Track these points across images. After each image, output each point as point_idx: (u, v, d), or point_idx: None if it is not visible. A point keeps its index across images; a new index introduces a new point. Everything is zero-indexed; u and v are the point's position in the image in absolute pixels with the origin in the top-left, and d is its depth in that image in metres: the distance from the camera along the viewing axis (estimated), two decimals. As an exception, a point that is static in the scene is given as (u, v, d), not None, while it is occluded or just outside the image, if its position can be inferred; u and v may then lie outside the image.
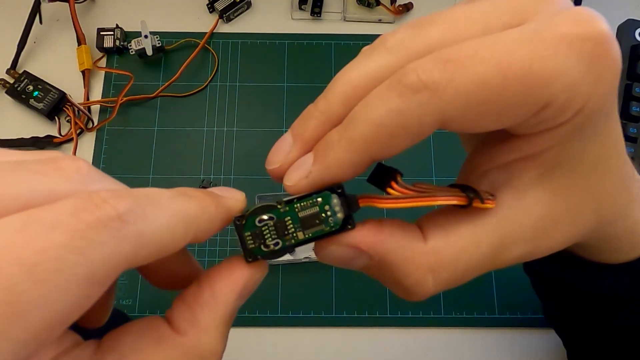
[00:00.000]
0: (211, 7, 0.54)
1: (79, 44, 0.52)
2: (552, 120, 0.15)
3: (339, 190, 0.17)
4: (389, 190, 0.16)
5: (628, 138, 0.48)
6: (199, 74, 0.53)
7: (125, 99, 0.50)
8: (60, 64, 0.52)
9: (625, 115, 0.48)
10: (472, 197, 0.16)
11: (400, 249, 0.17)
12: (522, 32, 0.14)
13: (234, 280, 0.17)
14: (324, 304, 0.45)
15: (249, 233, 0.17)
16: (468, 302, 0.46)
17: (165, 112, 0.51)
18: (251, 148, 0.50)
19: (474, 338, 0.45)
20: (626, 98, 0.49)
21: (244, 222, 0.17)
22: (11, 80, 0.50)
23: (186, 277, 0.18)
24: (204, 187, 0.47)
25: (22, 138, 0.49)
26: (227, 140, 0.51)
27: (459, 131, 0.16)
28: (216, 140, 0.51)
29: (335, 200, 0.17)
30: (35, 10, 0.52)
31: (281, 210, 0.17)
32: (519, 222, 0.17)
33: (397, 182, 0.16)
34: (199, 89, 0.52)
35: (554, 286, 0.29)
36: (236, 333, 0.18)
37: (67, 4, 0.51)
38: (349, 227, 0.17)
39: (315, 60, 0.53)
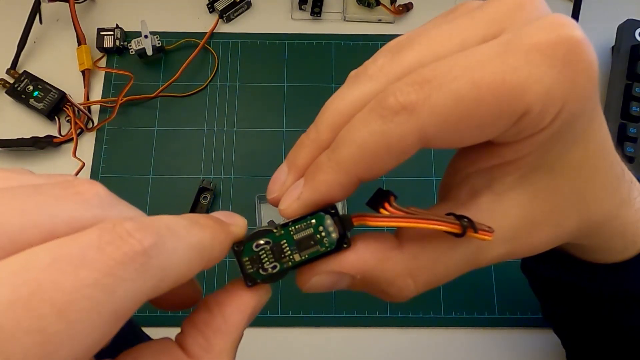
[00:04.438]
0: (211, 7, 0.54)
1: (79, 44, 0.52)
2: (531, 128, 0.15)
3: (332, 211, 0.17)
4: (382, 210, 0.17)
5: (628, 138, 0.48)
6: (199, 74, 0.53)
7: (125, 99, 0.50)
8: (60, 64, 0.52)
9: (625, 115, 0.48)
10: (465, 226, 0.16)
11: (379, 263, 0.18)
12: (493, 46, 0.15)
13: (242, 305, 0.17)
14: (324, 304, 0.45)
15: (247, 258, 0.18)
16: (468, 302, 0.46)
17: (165, 112, 0.51)
18: (251, 148, 0.50)
19: (474, 338, 0.45)
20: (626, 98, 0.49)
21: (242, 248, 0.18)
22: (11, 80, 0.50)
23: (188, 298, 0.19)
24: (204, 188, 0.47)
25: (22, 138, 0.49)
26: (227, 140, 0.51)
27: (442, 147, 0.16)
28: (216, 140, 0.51)
29: (328, 221, 0.17)
30: (35, 10, 0.52)
31: (277, 234, 0.17)
32: (497, 224, 0.17)
33: (390, 204, 0.17)
34: (199, 89, 0.52)
35: (550, 285, 0.29)
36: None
37: (67, 4, 0.51)
38: (345, 246, 0.17)
39: (315, 60, 0.53)
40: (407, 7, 0.55)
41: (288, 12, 0.55)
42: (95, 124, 0.50)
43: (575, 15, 0.53)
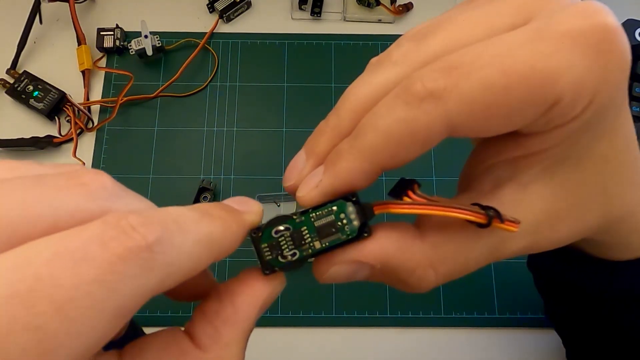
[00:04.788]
0: (211, 7, 0.54)
1: (79, 44, 0.52)
2: (561, 117, 0.15)
3: (354, 199, 0.17)
4: (405, 198, 0.16)
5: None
6: (199, 74, 0.53)
7: (125, 99, 0.50)
8: (60, 64, 0.52)
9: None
10: (491, 216, 0.16)
11: (400, 252, 0.17)
12: (524, 32, 0.14)
13: (255, 295, 0.17)
14: (324, 304, 0.45)
15: (266, 244, 0.17)
16: (468, 302, 0.46)
17: (165, 112, 0.51)
18: (251, 148, 0.50)
19: (474, 338, 0.45)
20: (626, 98, 0.49)
21: (260, 234, 0.17)
22: (11, 80, 0.50)
23: (202, 289, 0.18)
24: (204, 188, 0.47)
25: (22, 138, 0.49)
26: (227, 140, 0.51)
27: (469, 136, 0.16)
28: (216, 140, 0.51)
29: (350, 208, 0.17)
30: (35, 10, 0.52)
31: (297, 220, 0.17)
32: (521, 215, 0.17)
33: (413, 192, 0.16)
34: (199, 89, 0.52)
35: (557, 283, 0.29)
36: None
37: (67, 4, 0.51)
38: (365, 234, 0.17)
39: (315, 60, 0.53)
40: (407, 7, 0.55)
41: (288, 12, 0.55)
42: (95, 124, 0.50)
43: (575, 15, 0.52)
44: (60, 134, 0.50)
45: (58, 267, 0.11)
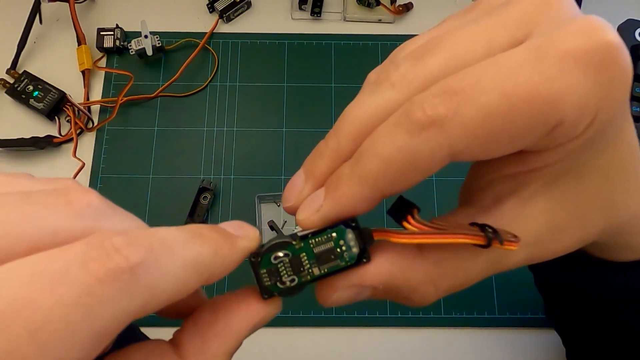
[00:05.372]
0: (211, 7, 0.54)
1: (79, 44, 0.52)
2: (563, 137, 0.15)
3: (353, 224, 0.17)
4: (405, 224, 0.16)
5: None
6: (199, 74, 0.53)
7: (125, 99, 0.50)
8: (60, 64, 0.52)
9: (625, 115, 0.48)
10: (491, 237, 0.16)
11: (401, 272, 0.17)
12: (524, 52, 0.14)
13: (250, 316, 0.17)
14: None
15: (265, 270, 0.17)
16: (468, 302, 0.46)
17: (165, 112, 0.51)
18: (251, 148, 0.50)
19: (474, 338, 0.45)
20: (626, 98, 0.49)
21: (259, 259, 0.17)
22: (11, 80, 0.50)
23: (190, 308, 0.18)
24: (204, 188, 0.47)
25: (22, 138, 0.49)
26: (227, 140, 0.51)
27: (470, 160, 0.16)
28: (216, 140, 0.51)
29: (350, 235, 0.17)
30: (35, 10, 0.52)
31: (296, 246, 0.17)
32: (521, 229, 0.17)
33: (413, 217, 0.16)
34: (199, 89, 0.52)
35: (557, 282, 0.29)
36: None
37: (67, 4, 0.51)
38: (364, 260, 0.17)
39: (315, 60, 0.53)
40: (407, 7, 0.55)
41: (288, 12, 0.55)
42: (95, 124, 0.50)
43: (575, 15, 0.52)
44: (60, 134, 0.50)
45: (36, 288, 0.11)
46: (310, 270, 0.17)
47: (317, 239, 0.17)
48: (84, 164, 0.47)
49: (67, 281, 0.11)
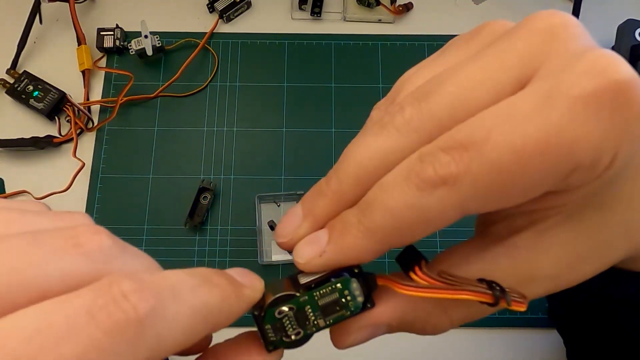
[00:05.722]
0: (211, 7, 0.54)
1: (79, 44, 0.52)
2: (581, 180, 0.14)
3: (356, 271, 0.16)
4: (412, 275, 0.16)
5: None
6: (199, 74, 0.53)
7: (125, 99, 0.50)
8: (60, 64, 0.52)
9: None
10: (498, 297, 0.15)
11: (412, 307, 0.17)
12: (531, 100, 0.13)
13: None
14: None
15: (269, 325, 0.17)
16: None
17: (165, 112, 0.51)
18: (251, 148, 0.50)
19: (474, 338, 0.45)
20: (626, 98, 0.49)
21: (263, 314, 0.16)
22: (11, 80, 0.50)
23: (195, 347, 0.17)
24: (204, 188, 0.47)
25: (22, 138, 0.49)
26: (227, 140, 0.51)
27: (483, 212, 0.15)
28: (216, 140, 0.51)
29: (354, 284, 0.16)
30: (35, 10, 0.52)
31: (300, 299, 0.17)
32: (538, 262, 0.16)
33: (420, 269, 0.16)
34: (199, 89, 0.52)
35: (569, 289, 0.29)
36: (237, 333, 0.18)
37: (67, 4, 0.51)
38: (369, 306, 0.17)
39: (315, 60, 0.53)
40: (407, 7, 0.55)
41: (288, 12, 0.55)
42: (95, 124, 0.50)
43: (575, 15, 0.52)
44: (60, 134, 0.50)
45: (38, 345, 0.11)
46: (315, 323, 0.17)
47: (321, 291, 0.16)
48: (84, 164, 0.47)
49: (72, 336, 0.11)
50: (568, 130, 0.13)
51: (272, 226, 0.47)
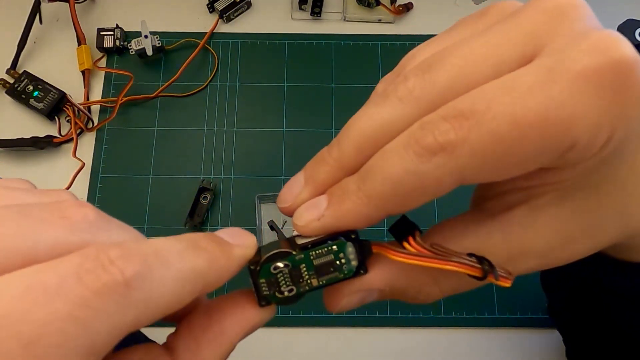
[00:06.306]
0: (211, 7, 0.54)
1: (79, 44, 0.52)
2: (577, 158, 0.14)
3: (353, 237, 0.17)
4: (405, 244, 0.16)
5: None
6: (199, 74, 0.53)
7: (125, 99, 0.50)
8: (60, 64, 0.52)
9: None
10: (487, 271, 0.16)
11: (404, 274, 0.17)
12: (535, 72, 0.14)
13: (244, 321, 0.17)
14: (324, 304, 0.45)
15: (264, 280, 0.17)
16: (468, 302, 0.46)
17: (165, 112, 0.51)
18: (251, 148, 0.50)
19: (474, 338, 0.45)
20: (626, 98, 0.49)
21: (258, 268, 0.17)
22: (11, 80, 0.50)
23: (189, 309, 0.18)
24: (204, 188, 0.47)
25: (22, 138, 0.49)
26: (227, 140, 0.51)
27: (480, 182, 0.16)
28: (216, 140, 0.51)
29: (350, 249, 0.17)
30: (35, 10, 0.52)
31: (296, 257, 0.17)
32: (530, 239, 0.17)
33: (414, 239, 0.16)
34: (199, 89, 0.52)
35: (566, 278, 0.29)
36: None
37: (67, 4, 0.51)
38: (362, 272, 0.17)
39: (315, 60, 0.53)
40: (407, 7, 0.55)
41: (288, 12, 0.55)
42: (95, 124, 0.50)
43: (575, 15, 0.52)
44: (60, 134, 0.50)
45: (30, 301, 0.11)
46: (309, 282, 0.17)
47: (317, 251, 0.17)
48: (84, 164, 0.47)
49: (62, 294, 0.11)
50: (567, 106, 0.13)
51: (272, 226, 0.47)
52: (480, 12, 0.17)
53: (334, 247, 0.17)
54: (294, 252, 0.17)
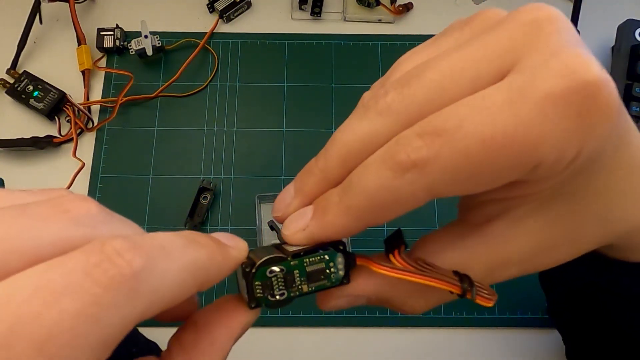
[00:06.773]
0: (211, 7, 0.54)
1: (79, 44, 0.52)
2: (546, 173, 0.15)
3: (341, 247, 0.18)
4: (390, 257, 0.17)
5: (628, 138, 0.47)
6: (199, 74, 0.53)
7: (125, 99, 0.50)
8: (60, 64, 0.52)
9: (625, 115, 0.48)
10: (465, 289, 0.17)
11: (391, 285, 0.18)
12: (504, 94, 0.14)
13: (232, 327, 0.17)
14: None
15: (259, 282, 0.18)
16: (468, 302, 0.45)
17: (165, 112, 0.51)
18: (251, 148, 0.50)
19: (474, 338, 0.45)
20: (626, 98, 0.49)
21: (254, 270, 0.17)
22: (11, 80, 0.50)
23: (183, 311, 0.18)
24: (204, 188, 0.47)
25: (22, 138, 0.49)
26: (227, 140, 0.51)
27: (452, 195, 0.16)
28: (216, 140, 0.51)
29: (339, 259, 0.18)
30: (35, 10, 0.52)
31: (291, 263, 0.18)
32: (511, 250, 0.18)
33: (399, 253, 0.17)
34: (199, 89, 0.52)
35: (564, 277, 0.29)
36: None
37: (67, 4, 0.51)
38: (345, 281, 0.19)
39: (315, 60, 0.53)
40: (407, 7, 0.55)
41: (288, 12, 0.55)
42: (95, 124, 0.50)
43: (575, 15, 0.53)
44: (60, 134, 0.50)
45: (39, 302, 0.11)
46: (300, 287, 0.18)
47: (310, 259, 0.18)
48: (84, 164, 0.47)
49: (71, 291, 0.11)
50: (534, 127, 0.13)
51: (272, 226, 0.47)
52: (467, 19, 0.18)
53: (326, 256, 0.18)
54: (289, 258, 0.18)
